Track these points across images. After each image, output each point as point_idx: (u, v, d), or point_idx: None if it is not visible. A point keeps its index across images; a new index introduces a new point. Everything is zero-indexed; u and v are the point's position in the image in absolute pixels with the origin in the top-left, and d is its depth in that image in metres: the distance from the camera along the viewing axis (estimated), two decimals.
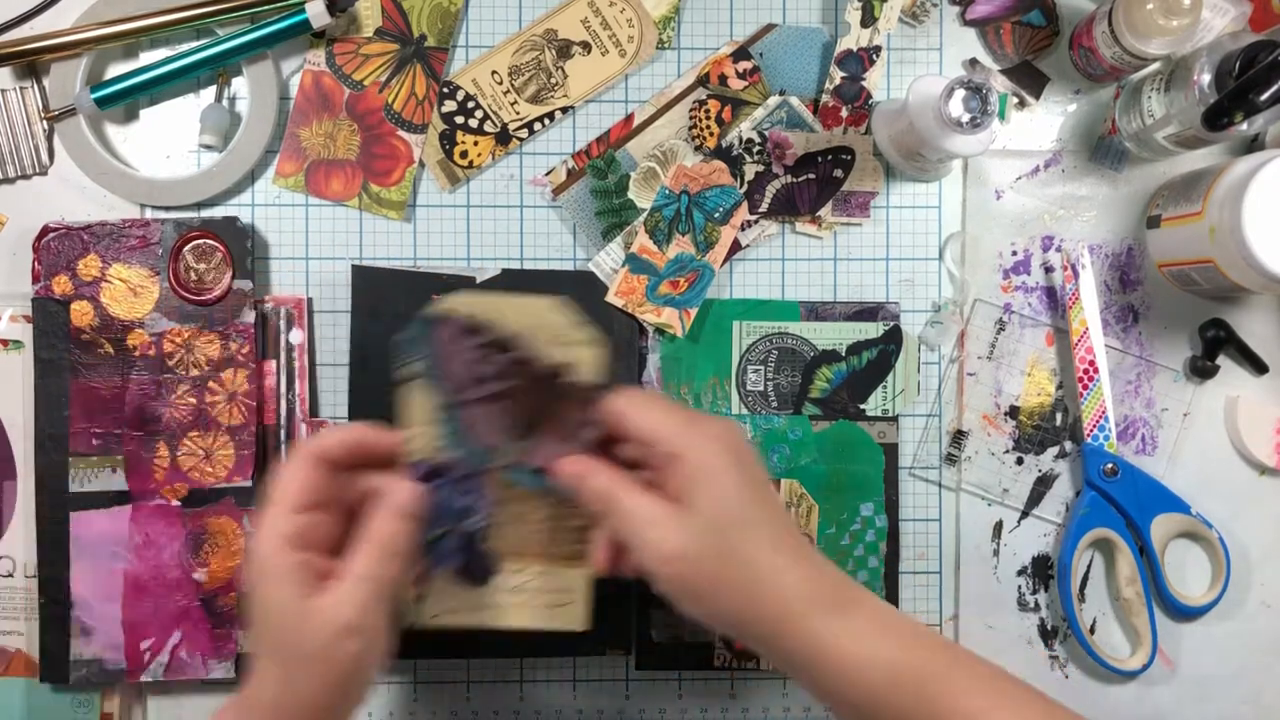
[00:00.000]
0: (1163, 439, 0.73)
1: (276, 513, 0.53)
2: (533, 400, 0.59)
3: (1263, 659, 0.73)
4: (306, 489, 0.54)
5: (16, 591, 0.69)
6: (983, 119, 0.63)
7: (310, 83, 0.71)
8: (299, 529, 0.53)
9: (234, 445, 0.68)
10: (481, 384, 0.58)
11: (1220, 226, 0.64)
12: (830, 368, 0.72)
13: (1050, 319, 0.73)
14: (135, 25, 0.69)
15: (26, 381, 0.69)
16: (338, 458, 0.55)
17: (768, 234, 0.72)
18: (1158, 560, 0.71)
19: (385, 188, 0.71)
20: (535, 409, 0.59)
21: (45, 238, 0.68)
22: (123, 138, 0.72)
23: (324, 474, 0.55)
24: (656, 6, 0.72)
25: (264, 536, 0.53)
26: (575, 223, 0.72)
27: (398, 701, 0.71)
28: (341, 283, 0.71)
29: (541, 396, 0.59)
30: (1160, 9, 0.64)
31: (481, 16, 0.72)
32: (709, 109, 0.72)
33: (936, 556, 0.73)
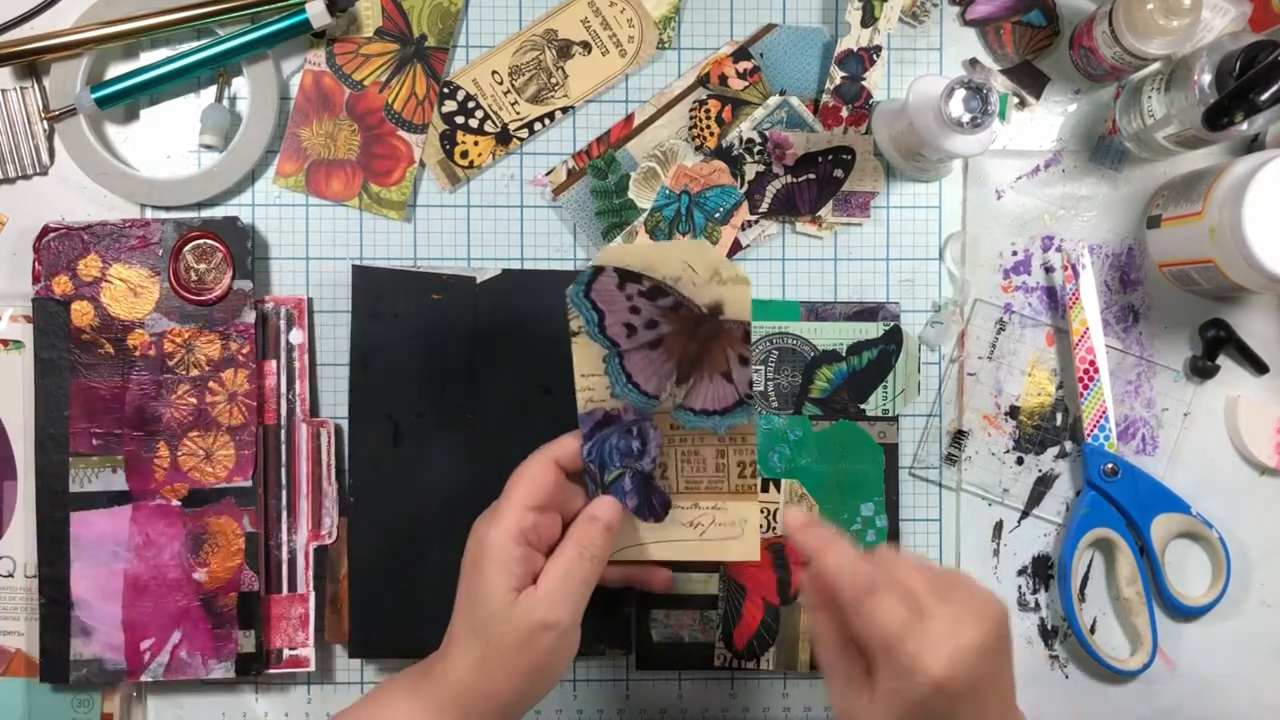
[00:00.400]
0: (1163, 439, 0.73)
1: (514, 505, 0.58)
2: (689, 343, 0.61)
3: (1263, 659, 0.73)
4: (543, 489, 0.59)
5: (16, 591, 0.69)
6: (983, 119, 0.63)
7: (310, 83, 0.71)
8: (528, 526, 0.58)
9: (234, 445, 0.68)
10: (639, 332, 0.61)
11: (1220, 226, 0.64)
12: (830, 368, 0.72)
13: (1050, 319, 0.73)
14: (135, 25, 0.69)
15: (26, 381, 0.69)
16: (573, 464, 0.61)
17: (768, 234, 0.72)
18: (1158, 560, 0.71)
19: (385, 188, 0.71)
20: (692, 351, 0.61)
21: (45, 238, 0.68)
22: (123, 138, 0.72)
23: (558, 478, 0.60)
24: (656, 6, 0.72)
25: (499, 526, 0.57)
26: (575, 223, 0.72)
27: None
28: (341, 283, 0.71)
29: (697, 338, 0.61)
30: (1160, 9, 0.64)
31: (481, 16, 0.72)
32: (709, 109, 0.72)
33: (937, 556, 0.73)
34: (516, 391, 0.70)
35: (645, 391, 0.62)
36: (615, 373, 0.62)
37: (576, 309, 0.61)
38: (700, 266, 0.59)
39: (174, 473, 0.68)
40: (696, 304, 0.61)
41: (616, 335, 0.61)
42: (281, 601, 0.69)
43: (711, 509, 0.64)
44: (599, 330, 0.61)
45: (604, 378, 0.62)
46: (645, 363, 0.62)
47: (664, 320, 0.61)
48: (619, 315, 0.61)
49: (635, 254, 0.60)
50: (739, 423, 0.62)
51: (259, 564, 0.68)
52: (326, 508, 0.69)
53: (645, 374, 0.62)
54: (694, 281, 0.60)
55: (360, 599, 0.69)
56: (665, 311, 0.61)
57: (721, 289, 0.60)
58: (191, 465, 0.68)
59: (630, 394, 0.62)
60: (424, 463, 0.70)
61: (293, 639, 0.69)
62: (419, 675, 0.58)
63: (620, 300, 0.60)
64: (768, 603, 0.71)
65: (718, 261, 0.59)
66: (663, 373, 0.62)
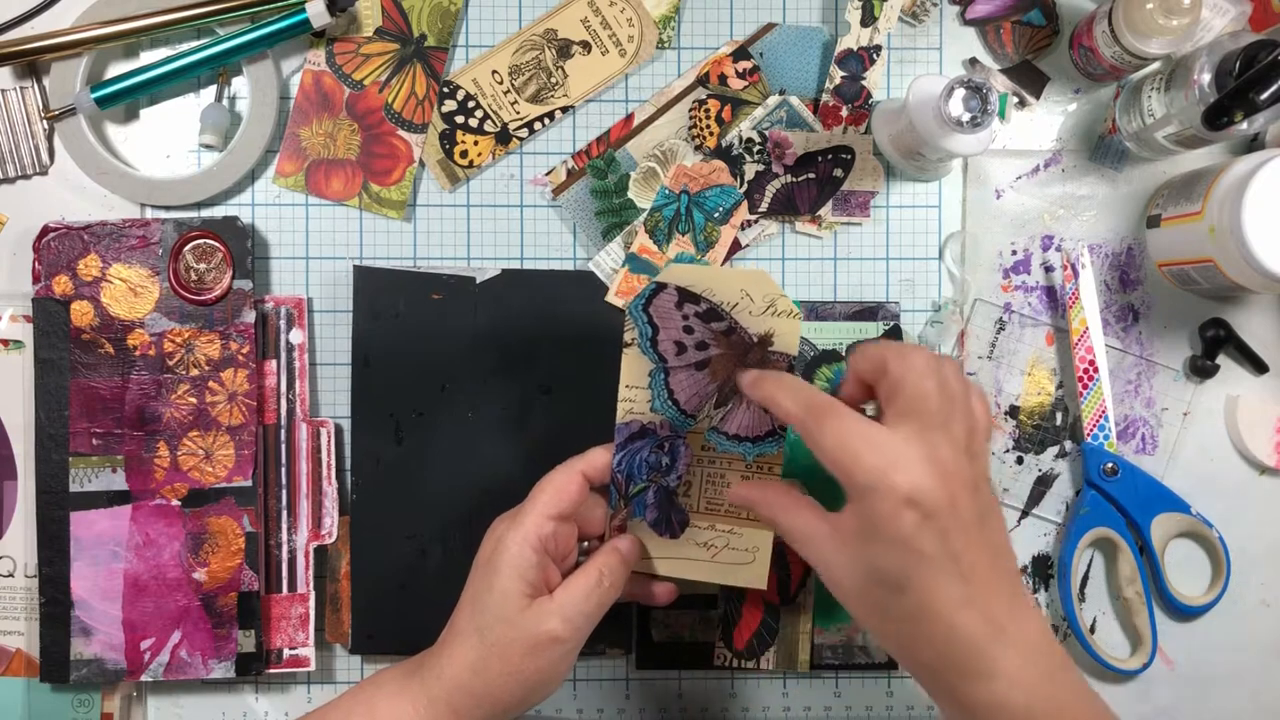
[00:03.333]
0: (1163, 438, 0.73)
1: (536, 513, 0.58)
2: (735, 368, 0.63)
3: (1263, 659, 0.73)
4: (567, 499, 0.59)
5: (16, 591, 0.69)
6: (983, 118, 0.63)
7: (310, 82, 0.71)
8: (548, 535, 0.58)
9: (234, 445, 0.68)
10: (689, 352, 0.63)
11: (1220, 226, 0.64)
12: (830, 367, 0.72)
13: (1050, 318, 0.73)
14: (135, 25, 0.69)
15: (26, 381, 0.69)
16: (599, 479, 0.62)
17: (768, 234, 0.72)
18: (1158, 560, 0.71)
19: (385, 187, 0.71)
20: (734, 380, 0.63)
21: (45, 238, 0.68)
22: (123, 138, 0.72)
23: (584, 489, 0.61)
24: (656, 6, 0.72)
25: (519, 530, 0.58)
26: (575, 223, 0.72)
27: None
28: (341, 283, 0.71)
29: (743, 365, 0.63)
30: (1160, 8, 0.64)
31: (481, 16, 0.72)
32: (709, 108, 0.72)
33: None
34: (516, 391, 0.70)
35: (684, 410, 0.64)
36: (659, 388, 0.64)
37: (634, 320, 0.63)
38: (758, 296, 0.62)
39: (174, 472, 0.68)
40: (749, 332, 0.63)
41: (666, 351, 0.63)
42: (281, 601, 0.69)
43: (727, 533, 0.65)
44: (651, 344, 0.63)
45: (647, 391, 0.64)
46: (689, 382, 0.64)
47: (715, 343, 0.63)
48: (672, 333, 0.63)
49: (699, 275, 0.62)
50: (768, 452, 0.64)
51: (259, 564, 0.68)
52: (326, 507, 0.69)
53: (687, 392, 0.64)
54: (750, 310, 0.62)
55: (362, 596, 0.69)
56: (718, 335, 0.63)
57: (775, 321, 0.63)
58: (191, 465, 0.68)
59: (669, 410, 0.64)
60: (425, 461, 0.70)
61: (293, 639, 0.69)
62: (411, 669, 0.58)
63: (676, 318, 0.63)
64: (768, 602, 0.71)
65: (775, 294, 0.61)
66: (704, 393, 0.64)
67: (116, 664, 0.68)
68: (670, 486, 0.64)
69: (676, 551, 0.65)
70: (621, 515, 0.64)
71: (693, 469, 0.64)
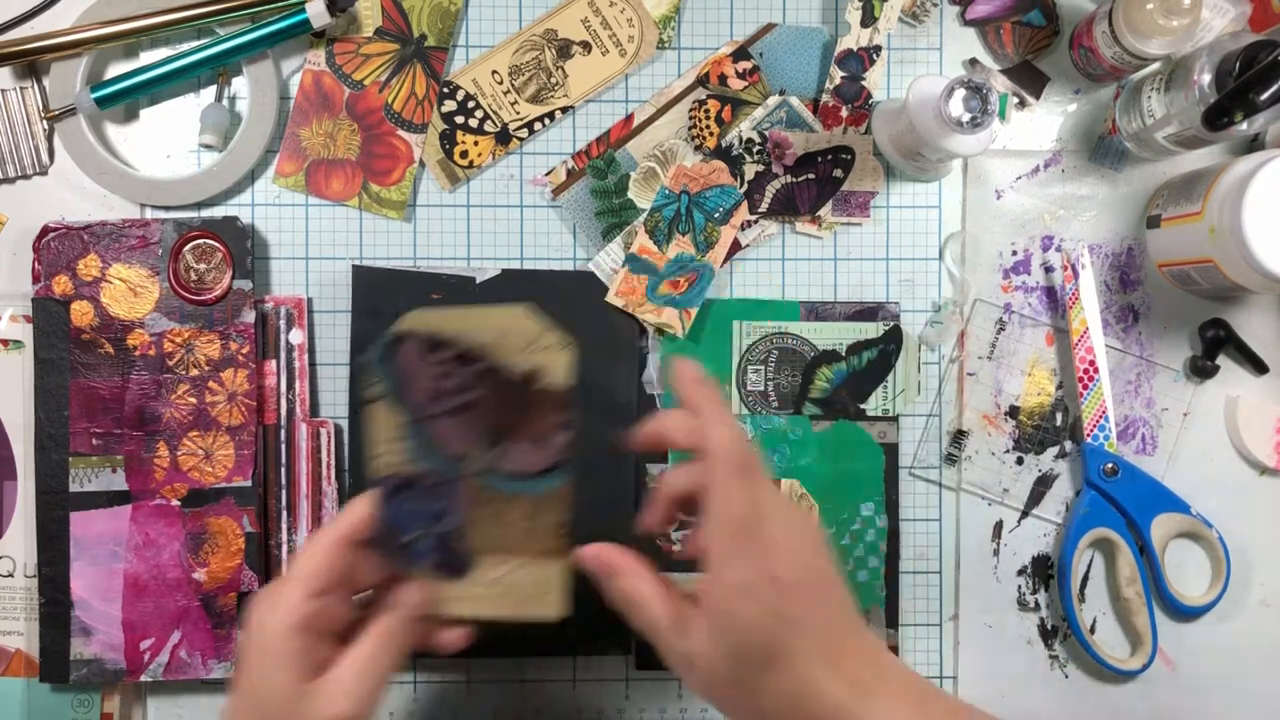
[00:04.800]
0: (1163, 439, 0.73)
1: (293, 593, 0.53)
2: (502, 408, 0.61)
3: (1262, 659, 0.73)
4: (327, 572, 0.54)
5: (16, 591, 0.69)
6: (983, 119, 0.63)
7: (310, 82, 0.71)
8: (312, 613, 0.53)
9: (234, 445, 0.68)
10: (447, 398, 0.60)
11: (1220, 226, 0.64)
12: (830, 368, 0.72)
13: (1050, 319, 0.73)
14: (135, 25, 0.69)
15: (26, 381, 0.69)
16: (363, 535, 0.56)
17: (768, 234, 0.72)
18: (1158, 560, 0.71)
19: (385, 188, 0.71)
20: (506, 416, 0.61)
21: (45, 238, 0.68)
22: (123, 138, 0.72)
23: (347, 555, 0.55)
24: (656, 6, 0.72)
25: (275, 614, 0.52)
26: (575, 223, 0.72)
27: (398, 701, 0.71)
28: (341, 283, 0.71)
29: (511, 404, 0.61)
30: (1160, 9, 0.64)
31: (481, 16, 0.72)
32: (709, 109, 0.72)
33: (937, 556, 0.73)
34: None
35: (449, 456, 0.61)
36: (417, 439, 0.61)
37: (378, 375, 0.60)
38: (517, 333, 0.59)
39: (174, 472, 0.68)
40: (512, 370, 0.61)
41: (420, 400, 0.60)
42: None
43: (517, 567, 0.63)
44: (399, 397, 0.60)
45: (404, 443, 0.61)
46: (451, 428, 0.61)
47: (475, 385, 0.61)
48: (424, 381, 0.60)
49: (443, 319, 0.59)
50: (553, 486, 0.62)
51: (259, 564, 0.68)
52: (326, 508, 0.69)
53: (450, 439, 0.61)
54: (511, 348, 0.60)
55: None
56: (477, 376, 0.61)
57: (540, 356, 0.61)
58: (191, 465, 0.68)
59: (434, 459, 0.61)
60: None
61: None
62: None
63: (425, 365, 0.60)
64: None
65: (536, 330, 0.59)
66: (469, 437, 0.61)
67: (116, 664, 0.68)
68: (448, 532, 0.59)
69: (466, 592, 0.61)
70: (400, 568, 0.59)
71: (471, 511, 0.61)
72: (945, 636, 0.73)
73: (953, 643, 0.73)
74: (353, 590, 0.57)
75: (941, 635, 0.73)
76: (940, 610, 0.73)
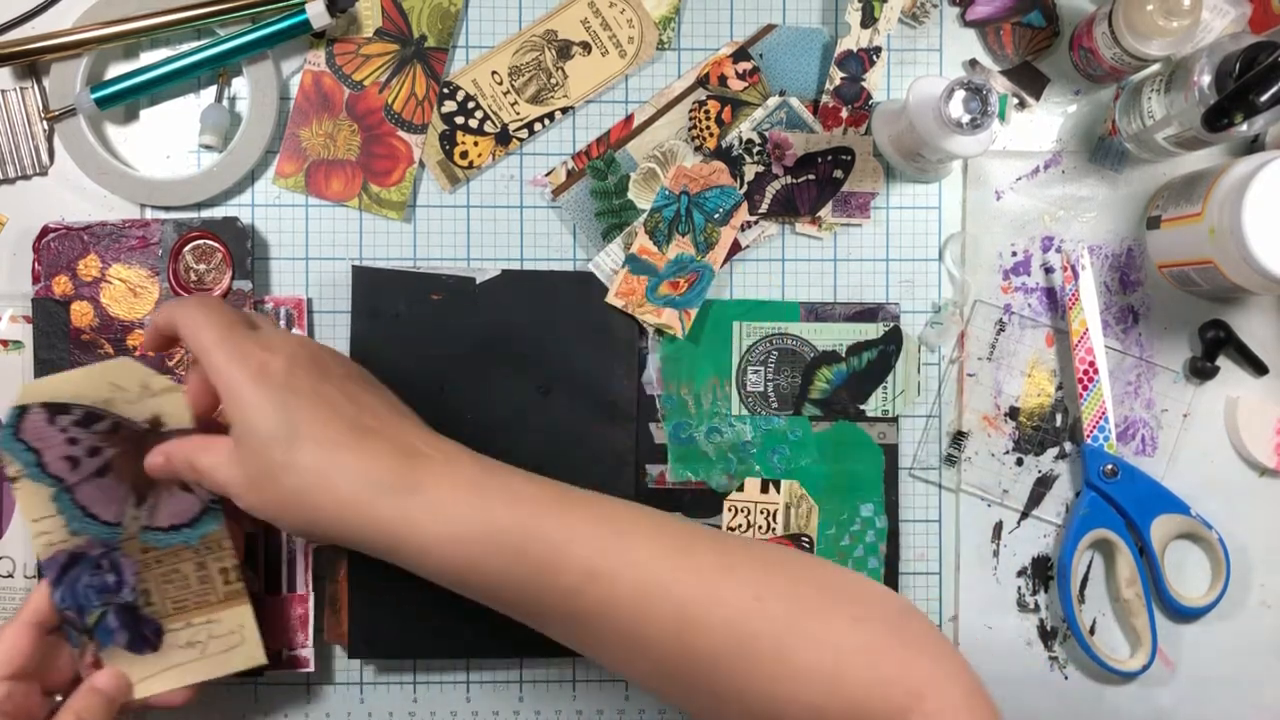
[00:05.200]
0: (1162, 440, 0.73)
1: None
2: (137, 462, 0.60)
3: (1263, 659, 0.73)
4: (17, 657, 0.56)
5: (16, 592, 0.69)
6: (983, 120, 0.63)
7: (310, 83, 0.71)
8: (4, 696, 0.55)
9: None
10: (83, 463, 0.60)
11: (1220, 227, 0.64)
12: (830, 368, 0.72)
13: (1050, 320, 0.73)
14: (135, 25, 0.69)
15: (27, 382, 0.69)
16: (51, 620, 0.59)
17: (767, 235, 0.72)
18: (1157, 561, 0.71)
19: (385, 188, 0.71)
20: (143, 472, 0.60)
21: (45, 238, 0.68)
22: (123, 138, 0.72)
23: (36, 641, 0.57)
24: (656, 7, 0.72)
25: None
26: (575, 223, 0.72)
27: (397, 701, 0.71)
28: (341, 283, 0.71)
29: (145, 456, 0.60)
30: (1160, 10, 0.64)
31: (481, 17, 0.72)
32: (709, 109, 0.72)
33: (936, 557, 0.73)
34: (516, 392, 0.70)
35: (105, 521, 0.61)
36: (68, 509, 0.60)
37: (10, 453, 0.59)
38: (128, 383, 0.59)
39: None
40: (135, 421, 0.60)
41: (60, 471, 0.60)
42: (281, 601, 0.69)
43: (205, 624, 0.63)
44: (40, 470, 0.60)
45: (58, 518, 0.60)
46: (97, 492, 0.60)
47: (106, 444, 0.60)
48: (57, 449, 0.59)
49: (58, 384, 0.59)
50: (210, 530, 0.62)
51: (259, 564, 0.68)
52: None
53: (101, 503, 0.61)
54: (126, 399, 0.59)
55: (359, 599, 0.69)
56: (104, 435, 0.60)
57: (155, 400, 0.60)
58: None
59: (90, 527, 0.60)
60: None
61: (292, 639, 0.69)
62: None
63: (55, 434, 0.59)
64: None
65: (144, 375, 0.59)
66: (118, 497, 0.61)
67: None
68: (128, 602, 0.61)
69: (166, 662, 0.62)
70: (90, 650, 0.61)
71: (144, 575, 0.61)
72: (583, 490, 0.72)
73: (952, 644, 0.73)
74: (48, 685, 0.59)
75: None
76: (940, 611, 0.73)
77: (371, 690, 0.71)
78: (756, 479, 0.71)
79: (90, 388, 0.59)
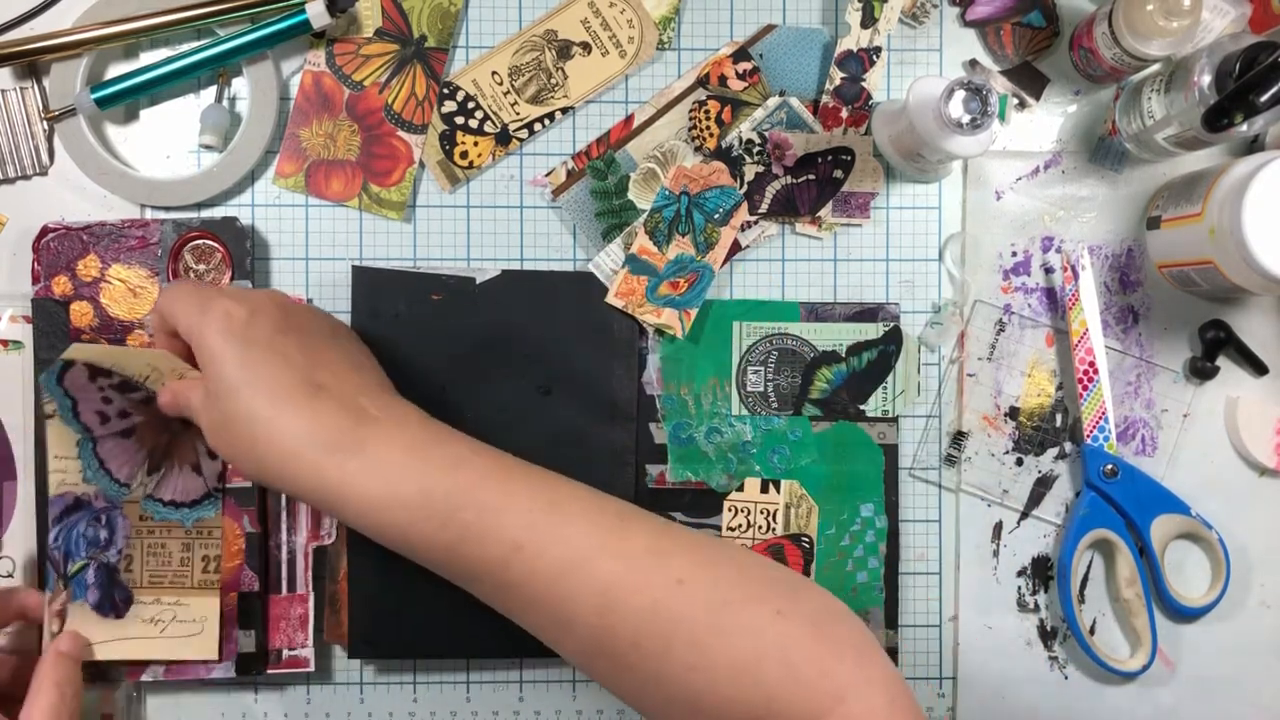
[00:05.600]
0: (1163, 440, 0.73)
1: None
2: (159, 436, 0.64)
3: (1263, 659, 0.73)
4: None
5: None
6: (983, 120, 0.63)
7: (310, 83, 0.71)
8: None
9: None
10: (112, 421, 0.64)
11: (1220, 227, 0.64)
12: (830, 368, 0.72)
13: (1050, 320, 0.73)
14: (135, 25, 0.69)
15: (26, 381, 0.69)
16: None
17: (767, 235, 0.72)
18: (1157, 561, 0.71)
19: (385, 188, 0.71)
20: (162, 444, 0.64)
21: (44, 238, 0.68)
22: (123, 138, 0.72)
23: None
24: (656, 7, 0.72)
25: None
26: (575, 223, 0.72)
27: (397, 701, 0.71)
28: (341, 283, 0.71)
29: (167, 432, 0.64)
30: (1160, 10, 0.64)
31: (481, 17, 0.72)
32: (709, 109, 0.72)
33: (936, 557, 0.73)
34: (516, 392, 0.70)
35: (117, 479, 0.64)
36: (88, 457, 0.64)
37: (50, 394, 0.63)
38: (165, 369, 0.62)
39: None
40: None
41: (90, 421, 0.64)
42: (281, 601, 0.69)
43: (173, 604, 0.65)
44: (73, 415, 0.63)
45: (77, 460, 0.64)
46: (118, 449, 0.64)
47: (135, 412, 0.64)
48: (92, 403, 0.63)
49: (102, 352, 0.62)
50: (206, 516, 0.65)
51: (259, 564, 0.68)
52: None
53: (118, 460, 0.64)
54: (161, 382, 0.62)
55: (359, 599, 0.69)
56: (136, 404, 0.63)
57: None
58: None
59: (102, 480, 0.64)
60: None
61: (292, 639, 0.69)
62: None
63: (93, 390, 0.63)
64: None
65: (182, 367, 0.62)
66: (135, 460, 0.64)
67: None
68: (111, 563, 0.64)
69: (122, 632, 0.65)
70: (62, 599, 0.64)
71: (133, 541, 0.65)
72: (945, 638, 0.73)
73: (952, 644, 0.73)
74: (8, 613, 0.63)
75: (941, 636, 0.73)
76: (940, 611, 0.73)
77: (371, 690, 0.71)
78: (756, 479, 0.71)
79: (130, 363, 0.62)
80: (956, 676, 0.72)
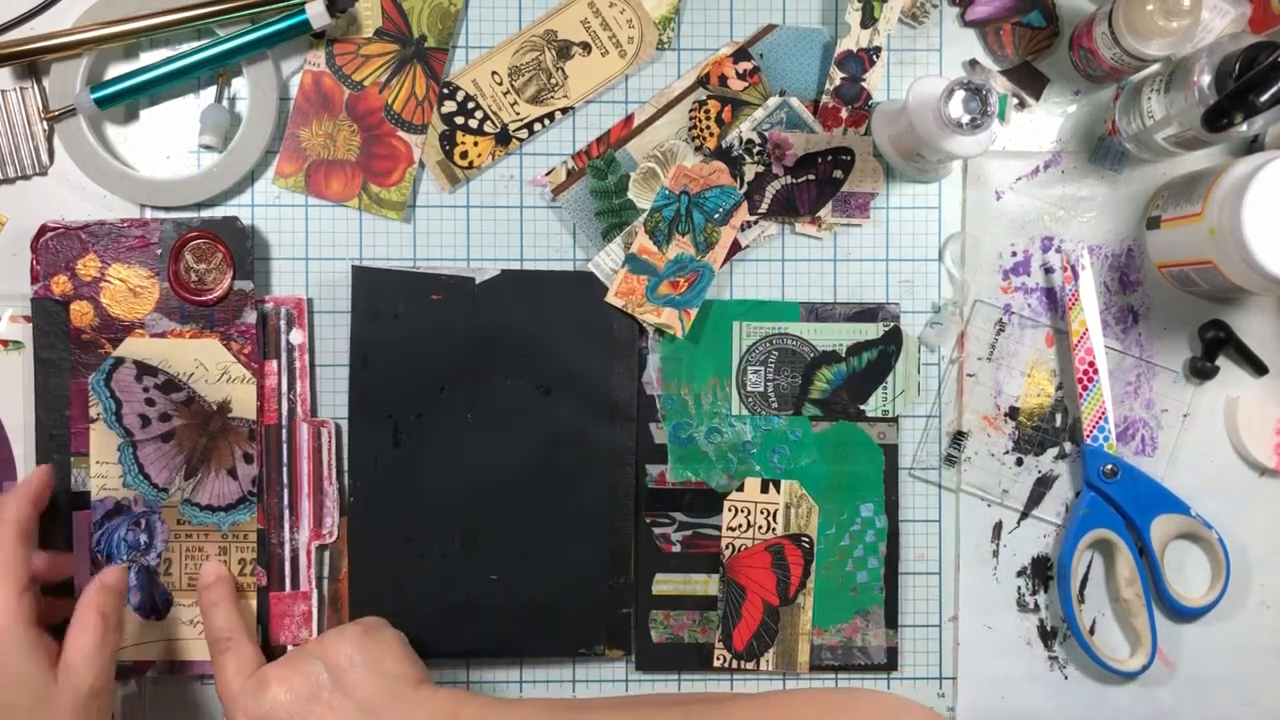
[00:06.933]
0: (1162, 440, 0.73)
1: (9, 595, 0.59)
2: (199, 437, 0.66)
3: (1263, 659, 0.73)
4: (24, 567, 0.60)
5: None
6: (982, 120, 0.63)
7: (310, 83, 0.71)
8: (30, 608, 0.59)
9: None
10: (153, 424, 0.66)
11: (1220, 227, 0.64)
12: (830, 368, 0.72)
13: (1050, 320, 0.73)
14: (135, 25, 0.69)
15: (27, 381, 0.69)
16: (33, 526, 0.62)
17: (767, 234, 0.72)
18: (1157, 561, 0.71)
19: (385, 188, 0.71)
20: (200, 448, 0.66)
21: (44, 237, 0.68)
22: (123, 138, 0.72)
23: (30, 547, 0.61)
24: (656, 7, 0.72)
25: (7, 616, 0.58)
26: (575, 223, 0.72)
27: None
28: (341, 283, 0.71)
29: (205, 435, 0.66)
30: (1160, 10, 0.64)
31: (481, 17, 0.72)
32: (709, 109, 0.72)
33: (936, 557, 0.73)
34: (516, 392, 0.70)
35: (155, 483, 0.66)
36: (129, 462, 0.66)
37: (97, 396, 0.65)
38: (211, 364, 0.64)
39: None
40: (207, 400, 0.66)
41: (131, 425, 0.66)
42: (284, 599, 0.69)
43: None
44: (116, 419, 0.65)
45: (118, 466, 0.66)
46: (157, 454, 0.66)
47: (176, 414, 0.66)
48: (135, 406, 0.65)
49: (154, 347, 0.64)
50: (241, 520, 0.67)
51: (261, 563, 0.68)
52: (328, 507, 0.69)
53: (157, 465, 0.66)
54: (205, 379, 0.64)
55: (361, 598, 0.69)
56: (178, 406, 0.65)
57: (230, 387, 0.66)
58: None
59: (141, 484, 0.66)
60: (424, 463, 0.70)
61: (295, 636, 0.69)
62: None
63: (137, 391, 0.65)
64: (767, 603, 0.71)
65: (228, 362, 0.64)
66: (173, 465, 0.66)
67: (118, 662, 0.68)
68: (151, 566, 0.66)
69: (164, 633, 0.67)
70: None
71: (171, 545, 0.66)
72: (945, 637, 0.73)
73: (952, 644, 0.73)
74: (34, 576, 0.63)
75: (941, 636, 0.73)
76: (940, 611, 0.73)
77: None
78: (756, 479, 0.71)
79: (178, 356, 0.64)
80: (956, 676, 0.72)
